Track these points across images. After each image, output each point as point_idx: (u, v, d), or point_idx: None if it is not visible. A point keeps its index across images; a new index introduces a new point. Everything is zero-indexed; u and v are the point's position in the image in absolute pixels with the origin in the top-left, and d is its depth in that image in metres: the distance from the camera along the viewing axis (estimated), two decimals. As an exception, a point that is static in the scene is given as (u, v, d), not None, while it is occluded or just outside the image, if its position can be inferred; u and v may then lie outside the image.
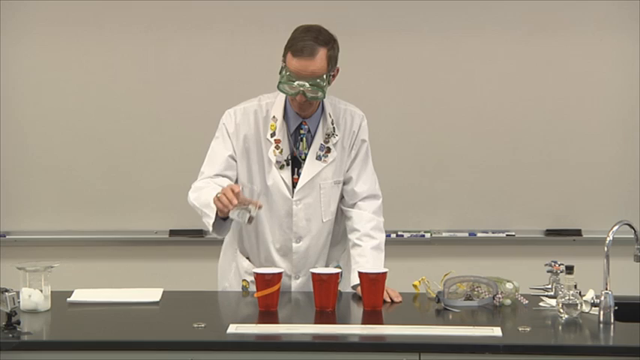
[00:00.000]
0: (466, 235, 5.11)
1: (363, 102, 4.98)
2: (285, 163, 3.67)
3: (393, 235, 5.06)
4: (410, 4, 4.99)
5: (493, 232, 5.11)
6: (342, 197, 3.78)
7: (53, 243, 5.07)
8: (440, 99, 5.06)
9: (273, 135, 3.67)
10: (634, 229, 3.32)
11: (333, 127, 3.70)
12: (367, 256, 3.65)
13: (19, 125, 5.07)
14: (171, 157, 5.10)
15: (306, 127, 3.69)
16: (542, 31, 5.00)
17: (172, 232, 5.12)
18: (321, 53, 3.56)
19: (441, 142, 5.07)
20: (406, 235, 5.10)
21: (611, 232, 3.22)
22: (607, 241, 3.21)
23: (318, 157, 3.69)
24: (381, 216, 3.78)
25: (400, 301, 3.51)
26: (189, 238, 5.12)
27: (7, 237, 5.13)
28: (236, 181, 3.68)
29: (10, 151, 5.08)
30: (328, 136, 3.70)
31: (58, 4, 5.02)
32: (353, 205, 3.76)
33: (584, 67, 5.02)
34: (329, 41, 3.61)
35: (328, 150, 3.70)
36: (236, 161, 3.69)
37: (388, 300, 3.50)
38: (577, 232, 5.07)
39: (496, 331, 3.09)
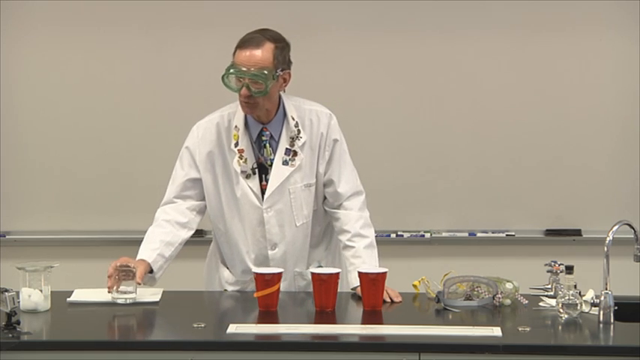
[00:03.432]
0: (466, 235, 5.11)
1: (363, 102, 5.00)
2: (251, 172, 3.65)
3: (393, 235, 5.06)
4: (410, 4, 4.99)
5: (493, 232, 5.11)
6: (324, 199, 3.76)
7: (53, 243, 5.07)
8: (440, 99, 5.06)
9: (236, 145, 3.66)
10: (634, 229, 3.32)
11: (297, 130, 3.67)
12: (362, 256, 3.65)
13: (18, 125, 5.07)
14: (171, 157, 5.05)
15: (267, 132, 3.66)
16: (542, 31, 5.00)
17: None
18: (268, 46, 3.56)
19: (440, 142, 5.07)
20: (406, 235, 5.10)
21: (611, 232, 3.22)
22: (607, 241, 3.21)
23: (285, 162, 3.66)
24: (366, 210, 3.75)
25: (400, 301, 3.51)
26: (190, 238, 5.11)
27: (7, 237, 5.13)
28: (203, 198, 3.72)
29: (9, 151, 5.08)
30: (293, 140, 3.67)
31: (58, 4, 5.02)
32: (339, 206, 3.74)
33: (584, 66, 5.02)
34: (278, 40, 3.61)
35: (295, 153, 3.67)
36: (199, 179, 3.70)
37: (388, 300, 3.50)
38: (577, 232, 5.07)
39: (496, 331, 3.10)
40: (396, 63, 5.05)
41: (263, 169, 3.67)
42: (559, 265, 3.44)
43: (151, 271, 3.61)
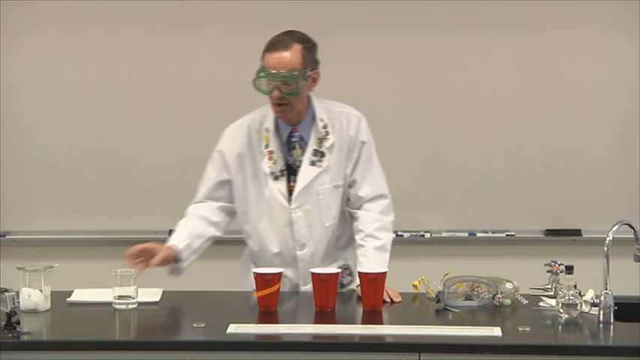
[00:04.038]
0: (466, 235, 5.11)
1: (363, 101, 4.97)
2: (279, 173, 3.69)
3: (393, 235, 5.06)
4: (409, 3, 4.99)
5: (493, 232, 5.11)
6: (348, 200, 3.78)
7: (53, 243, 5.07)
8: (440, 99, 5.06)
9: (267, 147, 3.69)
10: (634, 229, 3.32)
11: (326, 131, 3.69)
12: (369, 255, 3.65)
13: (19, 125, 5.07)
14: (171, 157, 5.10)
15: (297, 134, 3.70)
16: (542, 31, 5.00)
17: (172, 232, 5.10)
18: (295, 47, 3.60)
19: (440, 142, 5.07)
20: (406, 235, 5.09)
21: (611, 232, 3.23)
22: (607, 241, 3.22)
23: (312, 163, 3.69)
24: (390, 215, 3.76)
25: (400, 301, 3.51)
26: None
27: (7, 237, 5.13)
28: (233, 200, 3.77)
29: (9, 151, 5.08)
30: (320, 141, 3.69)
31: (58, 4, 5.02)
32: (359, 207, 3.75)
33: (584, 66, 5.02)
34: (305, 40, 3.65)
35: (322, 154, 3.70)
36: (229, 180, 3.74)
37: (388, 300, 3.50)
38: (577, 232, 5.07)
39: (496, 331, 3.10)
40: (396, 64, 5.05)
41: (292, 171, 3.70)
42: (559, 265, 3.44)
43: (176, 262, 3.65)
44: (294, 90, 3.58)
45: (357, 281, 3.63)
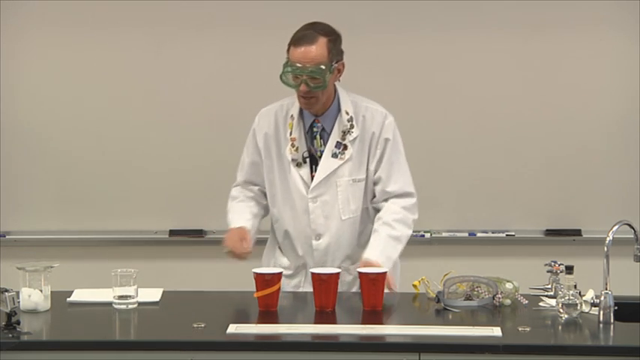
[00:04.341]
0: (466, 235, 5.11)
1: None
2: (301, 160, 3.73)
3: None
4: (409, 3, 4.99)
5: (493, 232, 5.11)
6: (373, 197, 3.79)
7: (53, 243, 5.07)
8: (439, 98, 5.06)
9: (290, 133, 3.74)
10: (634, 229, 3.32)
11: (350, 125, 3.72)
12: (380, 241, 3.67)
13: (19, 125, 5.07)
14: (171, 157, 5.10)
15: (319, 125, 3.74)
16: (542, 31, 5.00)
17: (172, 232, 5.12)
18: (321, 41, 3.64)
19: (440, 141, 5.06)
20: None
21: (611, 232, 3.22)
22: (607, 241, 3.22)
23: (334, 155, 3.72)
24: (414, 213, 3.77)
25: (395, 291, 3.51)
26: (189, 238, 5.12)
27: (7, 237, 5.13)
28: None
29: (10, 151, 5.08)
30: (344, 134, 3.73)
31: (58, 4, 5.02)
32: (385, 201, 3.77)
33: (584, 66, 5.02)
34: (330, 33, 3.69)
35: (345, 147, 3.73)
36: (261, 163, 3.79)
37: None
38: (577, 232, 5.07)
39: (496, 331, 3.10)
40: (395, 64, 5.05)
41: (314, 160, 3.74)
42: (559, 265, 3.44)
43: None
44: (322, 84, 3.62)
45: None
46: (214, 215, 5.05)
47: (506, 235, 5.11)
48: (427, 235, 5.10)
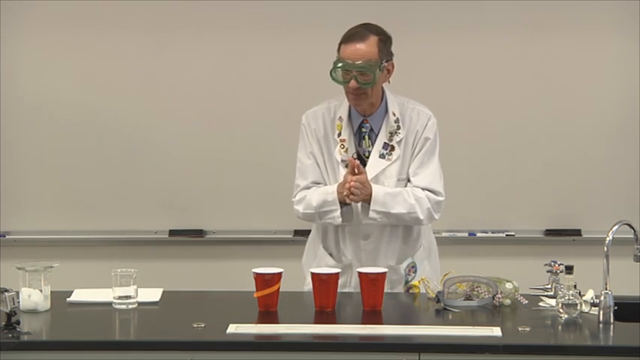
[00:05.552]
0: (466, 235, 5.11)
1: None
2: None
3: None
4: (408, 3, 4.99)
5: (493, 232, 5.11)
6: None
7: (53, 243, 5.07)
8: (439, 98, 5.02)
9: (339, 135, 3.77)
10: (634, 229, 3.32)
11: (397, 126, 3.76)
12: (394, 189, 3.70)
13: (18, 125, 5.07)
14: (171, 157, 5.10)
15: (367, 125, 3.77)
16: (542, 31, 5.00)
17: (172, 232, 5.12)
18: (372, 39, 3.70)
19: (440, 141, 5.05)
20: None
21: (610, 232, 3.23)
22: (607, 241, 3.22)
23: (382, 156, 3.75)
24: (437, 210, 3.76)
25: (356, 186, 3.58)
26: (189, 238, 5.12)
27: (7, 237, 5.13)
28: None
29: (9, 151, 5.07)
30: (391, 135, 3.76)
31: (58, 4, 5.01)
32: None
33: (584, 66, 5.02)
34: (381, 32, 3.74)
35: (392, 148, 3.76)
36: (320, 164, 3.81)
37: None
38: (577, 232, 5.07)
39: (496, 331, 3.10)
40: (395, 63, 5.04)
41: (362, 161, 3.75)
42: (559, 265, 3.44)
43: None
44: (371, 80, 3.66)
45: (419, 275, 3.67)
46: (214, 215, 5.08)
47: (506, 235, 5.10)
48: (427, 235, 5.10)
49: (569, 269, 3.28)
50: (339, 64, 3.67)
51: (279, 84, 5.00)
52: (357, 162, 3.65)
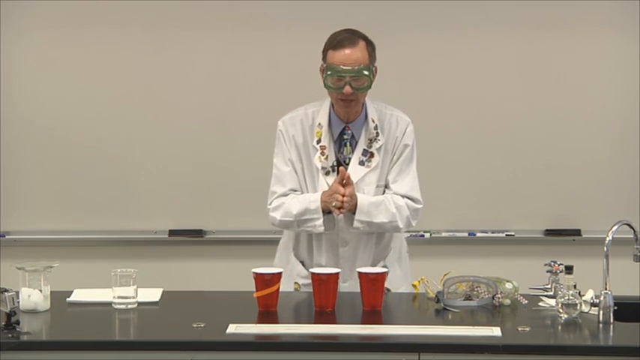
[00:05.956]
0: (466, 235, 5.11)
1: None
2: (330, 169, 3.72)
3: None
4: (408, 3, 4.99)
5: (493, 232, 5.11)
6: None
7: (53, 243, 5.07)
8: (439, 98, 5.06)
9: (319, 142, 3.73)
10: (633, 229, 3.32)
11: (376, 132, 3.73)
12: (378, 197, 3.69)
13: (18, 125, 5.07)
14: (170, 157, 5.10)
15: (349, 132, 3.74)
16: (542, 31, 5.00)
17: (172, 232, 5.12)
18: (361, 44, 3.68)
19: (440, 141, 5.06)
20: (406, 235, 5.08)
21: (610, 232, 3.23)
22: (606, 241, 3.22)
23: (361, 163, 3.73)
24: (414, 217, 3.75)
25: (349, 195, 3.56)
26: (189, 238, 5.12)
27: (7, 237, 5.13)
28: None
29: (10, 151, 5.07)
30: (371, 141, 3.73)
31: (58, 4, 5.02)
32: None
33: (584, 67, 5.02)
34: (366, 38, 3.71)
35: (372, 155, 3.73)
36: (296, 170, 3.76)
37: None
38: (576, 232, 5.07)
39: (495, 331, 3.10)
40: (394, 64, 5.02)
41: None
42: (559, 265, 3.44)
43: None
44: (366, 85, 3.64)
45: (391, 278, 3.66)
46: (214, 215, 5.08)
47: (506, 235, 5.10)
48: (427, 235, 5.10)
49: (568, 269, 3.28)
50: (332, 72, 3.62)
51: (279, 84, 5.00)
52: (348, 173, 3.61)
